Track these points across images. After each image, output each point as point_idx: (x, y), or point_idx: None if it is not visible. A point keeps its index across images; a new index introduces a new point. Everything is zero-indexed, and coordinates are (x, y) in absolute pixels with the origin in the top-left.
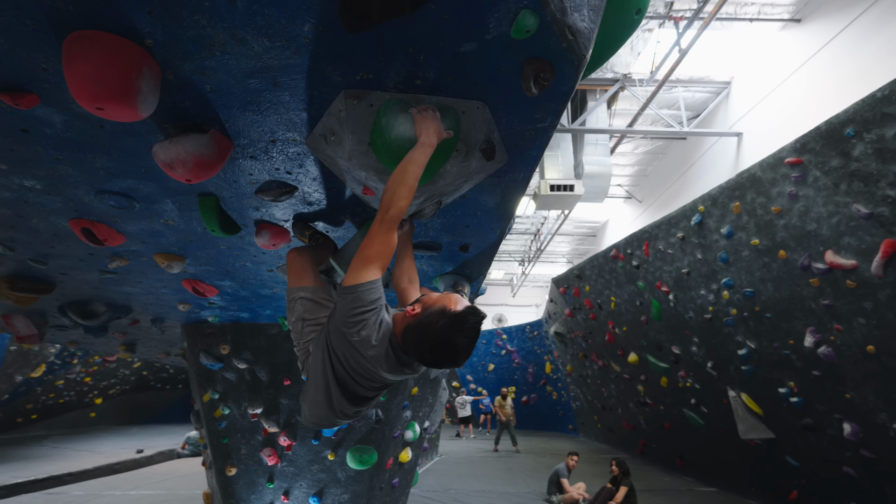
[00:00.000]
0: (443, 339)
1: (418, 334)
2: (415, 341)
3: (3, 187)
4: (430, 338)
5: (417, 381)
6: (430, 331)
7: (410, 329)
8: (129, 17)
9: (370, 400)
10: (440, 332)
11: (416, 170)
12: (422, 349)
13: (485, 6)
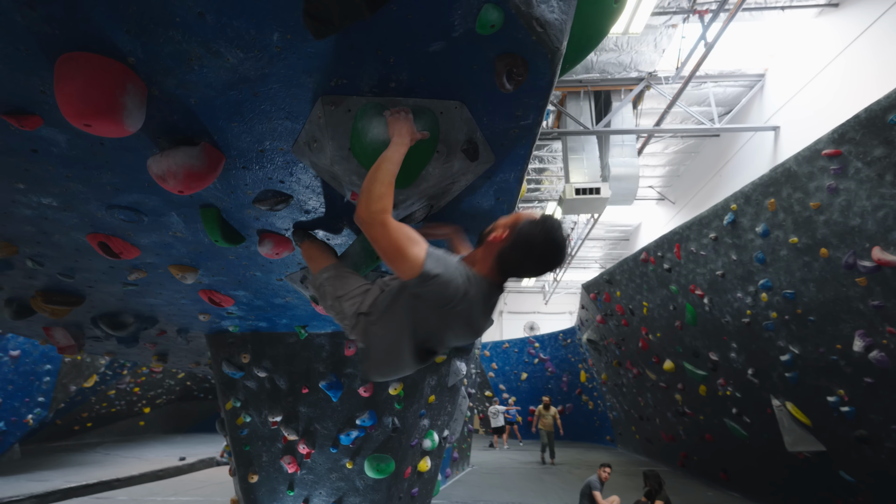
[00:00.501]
0: (546, 244)
1: (521, 251)
2: (519, 258)
3: (24, 205)
4: (534, 248)
5: (434, 390)
6: (532, 242)
7: (508, 251)
8: (110, 38)
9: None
10: (542, 239)
11: (389, 167)
12: (528, 263)
13: (446, 3)
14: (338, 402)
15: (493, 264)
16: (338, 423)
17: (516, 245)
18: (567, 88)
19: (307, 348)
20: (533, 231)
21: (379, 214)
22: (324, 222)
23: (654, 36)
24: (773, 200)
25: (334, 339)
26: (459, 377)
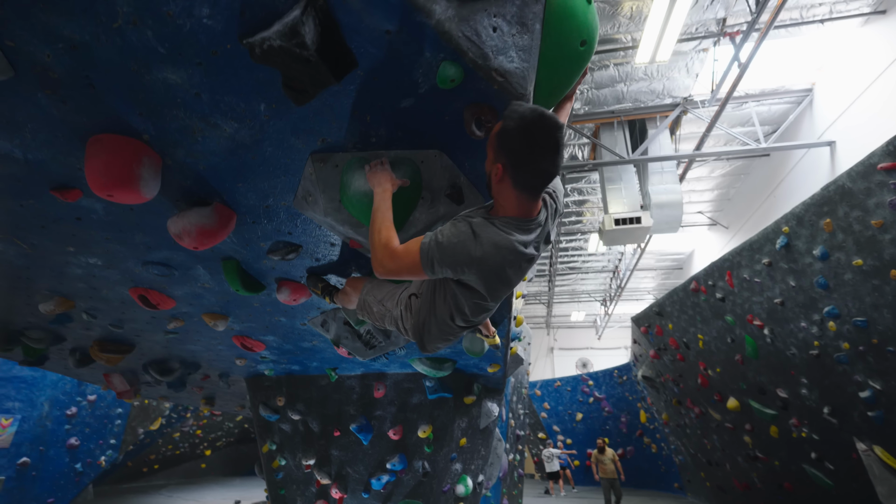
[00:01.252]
0: (536, 120)
1: (518, 153)
2: (528, 167)
3: (75, 265)
4: (528, 130)
5: (465, 432)
6: (524, 144)
7: (508, 154)
8: (126, 120)
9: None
10: (530, 117)
11: (379, 215)
12: (535, 167)
13: (405, 64)
14: (368, 446)
15: (509, 189)
16: (369, 466)
17: (506, 141)
18: (600, 119)
19: (338, 391)
20: (513, 117)
21: (386, 253)
22: (335, 267)
23: (685, 61)
24: (829, 220)
25: (364, 382)
26: (491, 419)
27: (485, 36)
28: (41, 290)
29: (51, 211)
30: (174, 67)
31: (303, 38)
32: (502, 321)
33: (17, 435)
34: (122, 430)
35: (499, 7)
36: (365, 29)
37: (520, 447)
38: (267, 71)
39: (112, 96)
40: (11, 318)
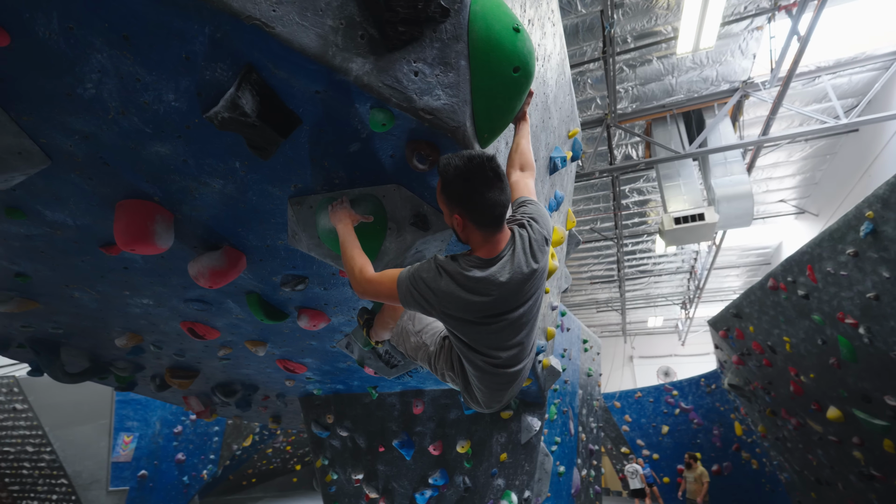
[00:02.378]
0: (471, 176)
1: (464, 198)
2: (479, 205)
3: (134, 306)
4: (466, 189)
5: (506, 447)
6: (459, 185)
7: (449, 194)
8: (138, 187)
9: (523, 342)
10: (464, 178)
11: (348, 246)
12: (485, 201)
13: (342, 115)
14: (411, 461)
15: (474, 232)
16: (413, 481)
17: (450, 192)
18: (650, 116)
19: (381, 408)
20: (447, 170)
21: (361, 279)
22: (341, 293)
23: (737, 43)
24: None
25: (403, 399)
26: (532, 433)
27: (406, 81)
28: (115, 328)
29: (104, 263)
30: (161, 142)
31: (243, 108)
32: None
33: (136, 450)
34: (219, 447)
35: (418, 53)
36: (297, 92)
37: (594, 462)
38: (232, 135)
39: (123, 170)
40: (99, 351)
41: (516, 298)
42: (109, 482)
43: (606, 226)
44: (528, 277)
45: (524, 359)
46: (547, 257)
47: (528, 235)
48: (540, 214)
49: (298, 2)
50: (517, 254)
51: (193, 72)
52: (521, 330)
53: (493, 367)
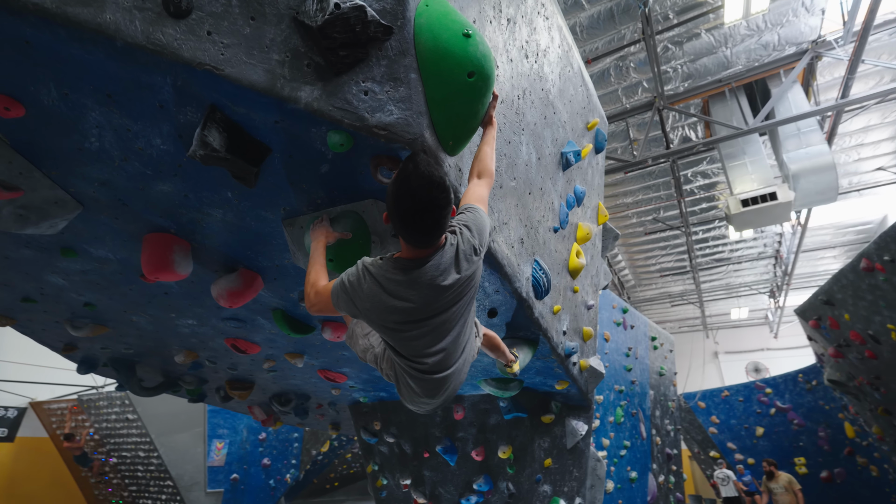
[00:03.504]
0: (399, 200)
1: (393, 212)
2: (400, 225)
3: (182, 326)
4: (399, 212)
5: (550, 452)
6: (394, 207)
7: (389, 205)
8: (155, 222)
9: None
10: (395, 199)
11: (311, 261)
12: (406, 225)
13: (304, 140)
14: (455, 466)
15: (395, 231)
16: (458, 486)
17: (387, 202)
18: (706, 93)
19: (423, 414)
20: (392, 182)
21: (309, 293)
22: None
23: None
24: None
25: (444, 405)
26: (578, 438)
27: (356, 101)
28: (172, 346)
29: (148, 290)
30: (162, 181)
31: (212, 145)
32: (536, 340)
33: (227, 456)
34: (299, 452)
35: (366, 73)
36: (259, 123)
37: (674, 468)
38: (218, 169)
39: (138, 208)
40: (167, 367)
41: (437, 305)
42: (207, 484)
43: (671, 214)
44: (449, 286)
45: (452, 364)
46: (475, 266)
47: (458, 243)
48: (476, 222)
49: (245, 42)
50: (443, 261)
51: (170, 117)
52: (445, 336)
53: (419, 372)
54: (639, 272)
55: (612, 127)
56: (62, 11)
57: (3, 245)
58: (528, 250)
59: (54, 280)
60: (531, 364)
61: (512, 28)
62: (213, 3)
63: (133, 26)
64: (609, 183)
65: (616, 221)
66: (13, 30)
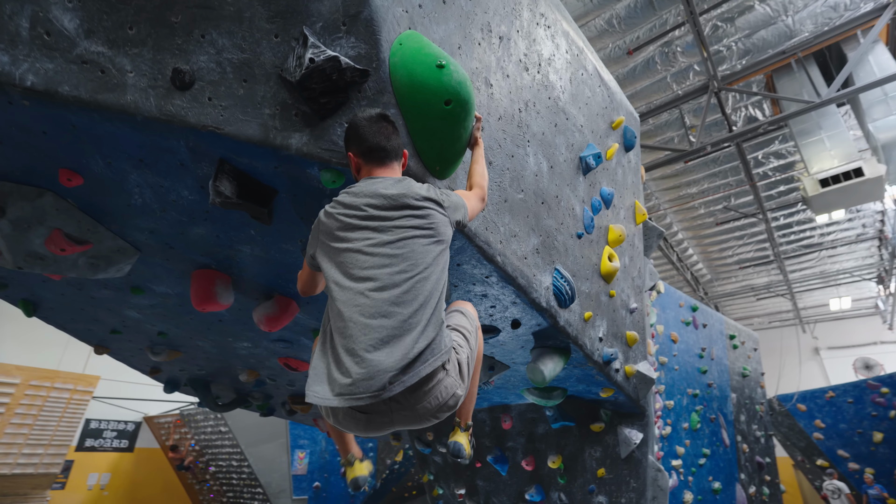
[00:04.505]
0: (354, 120)
1: (351, 136)
2: (355, 140)
3: (240, 348)
4: (353, 129)
5: (602, 462)
6: (350, 129)
7: (350, 147)
8: (198, 260)
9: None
10: (352, 121)
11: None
12: (358, 138)
13: (304, 180)
14: (507, 476)
15: (356, 166)
16: (511, 497)
17: (345, 132)
18: (768, 68)
19: (473, 424)
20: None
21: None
22: None
23: None
24: None
25: (492, 414)
26: (632, 447)
27: (342, 141)
28: (236, 366)
29: (205, 319)
30: (196, 226)
31: (224, 193)
32: (567, 348)
33: (309, 465)
34: (374, 461)
35: (348, 114)
36: (262, 170)
37: (767, 477)
38: (237, 211)
39: (182, 250)
40: (236, 385)
41: (383, 215)
42: (293, 491)
43: (744, 201)
44: (396, 196)
45: (389, 310)
46: (434, 210)
47: (419, 184)
48: (449, 193)
49: (240, 102)
50: (396, 180)
51: (190, 173)
52: (385, 261)
53: (350, 294)
54: (715, 266)
55: (665, 116)
56: (94, 99)
57: (88, 288)
58: (546, 259)
59: (131, 314)
60: (570, 372)
61: (506, 45)
62: (212, 73)
63: (149, 102)
64: (668, 175)
65: (682, 214)
66: (62, 118)
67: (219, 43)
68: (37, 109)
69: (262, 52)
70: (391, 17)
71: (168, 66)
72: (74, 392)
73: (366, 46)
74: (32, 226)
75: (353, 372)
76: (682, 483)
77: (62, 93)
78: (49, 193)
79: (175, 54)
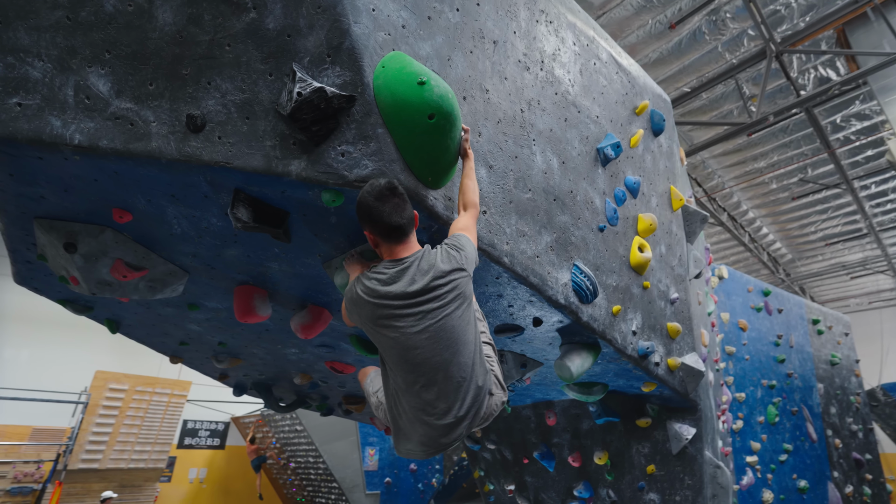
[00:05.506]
0: (365, 198)
1: (365, 215)
2: (371, 220)
3: (289, 354)
4: (366, 208)
5: (652, 459)
6: (363, 207)
7: (366, 225)
8: (237, 277)
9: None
10: (362, 198)
11: None
12: (373, 219)
13: (308, 201)
14: (554, 472)
15: (376, 243)
16: (559, 493)
17: (357, 209)
18: (836, 22)
19: (518, 420)
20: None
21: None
22: None
23: None
24: None
25: (537, 411)
26: (683, 442)
27: (336, 164)
28: (290, 371)
29: (254, 329)
30: (229, 247)
31: (242, 218)
32: (596, 343)
33: (379, 461)
34: (441, 457)
35: (339, 139)
36: (271, 195)
37: (868, 476)
38: (259, 234)
39: (222, 269)
40: (295, 388)
41: (420, 298)
42: (365, 487)
43: (823, 171)
44: (429, 282)
45: (449, 367)
46: (458, 276)
47: (438, 251)
48: (457, 242)
49: (244, 137)
50: (423, 260)
51: (214, 203)
52: (435, 331)
53: (411, 374)
54: (796, 244)
55: (720, 88)
56: (127, 148)
57: (154, 307)
58: (562, 256)
59: (193, 327)
60: (606, 367)
61: (501, 48)
62: (219, 115)
63: (170, 146)
64: (731, 150)
65: (751, 191)
66: (106, 167)
67: (223, 87)
68: (86, 162)
69: (259, 91)
70: (372, 43)
71: (182, 112)
72: (172, 396)
73: (350, 74)
74: (99, 258)
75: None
76: (760, 481)
77: (102, 146)
78: (108, 230)
79: (188, 102)
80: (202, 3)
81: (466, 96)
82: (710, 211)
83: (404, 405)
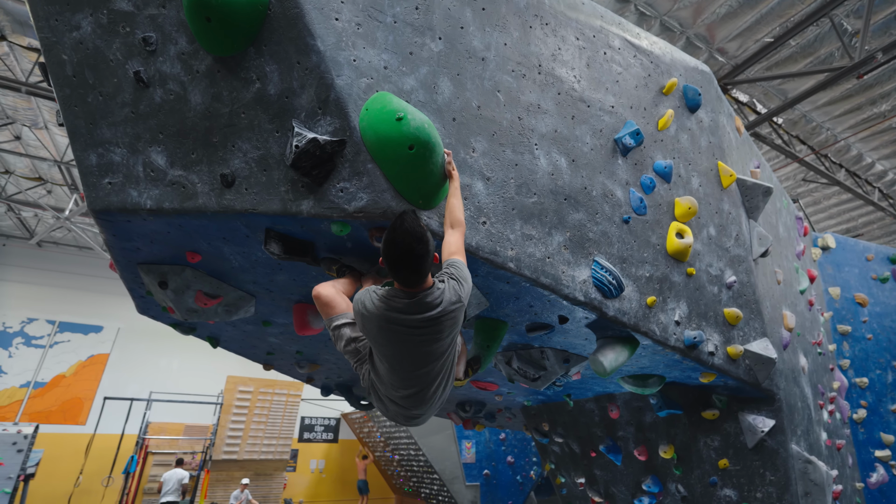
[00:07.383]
0: (393, 233)
1: (384, 253)
2: (385, 260)
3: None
4: (388, 241)
5: (724, 453)
6: (386, 238)
7: (383, 257)
8: (292, 297)
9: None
10: (392, 230)
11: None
12: (388, 260)
13: (322, 233)
14: (622, 466)
15: (388, 271)
16: (629, 486)
17: (383, 244)
18: None
19: (582, 414)
20: (389, 227)
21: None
22: None
23: None
24: None
25: (599, 404)
26: (759, 435)
27: (336, 199)
28: None
29: (316, 339)
30: (276, 274)
31: (274, 252)
32: (631, 337)
33: (477, 454)
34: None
35: (338, 177)
36: (294, 230)
37: None
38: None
39: (279, 291)
40: None
41: (426, 330)
42: (465, 478)
43: None
44: (436, 317)
45: (425, 397)
46: (457, 309)
47: (445, 289)
48: (459, 275)
49: (264, 187)
50: (432, 297)
51: (255, 240)
52: (423, 363)
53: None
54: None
55: (812, 30)
56: (182, 207)
57: (238, 325)
58: (579, 253)
59: (272, 340)
60: (654, 359)
61: (492, 63)
62: (244, 170)
63: (211, 201)
64: (838, 98)
65: (874, 140)
66: (172, 222)
67: (243, 148)
68: (157, 220)
69: (270, 147)
70: (356, 90)
71: (217, 173)
72: (289, 395)
73: (339, 121)
74: (185, 291)
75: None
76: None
77: (166, 207)
78: (187, 268)
79: (220, 163)
80: (220, 82)
81: (456, 117)
82: (820, 171)
83: (381, 391)
